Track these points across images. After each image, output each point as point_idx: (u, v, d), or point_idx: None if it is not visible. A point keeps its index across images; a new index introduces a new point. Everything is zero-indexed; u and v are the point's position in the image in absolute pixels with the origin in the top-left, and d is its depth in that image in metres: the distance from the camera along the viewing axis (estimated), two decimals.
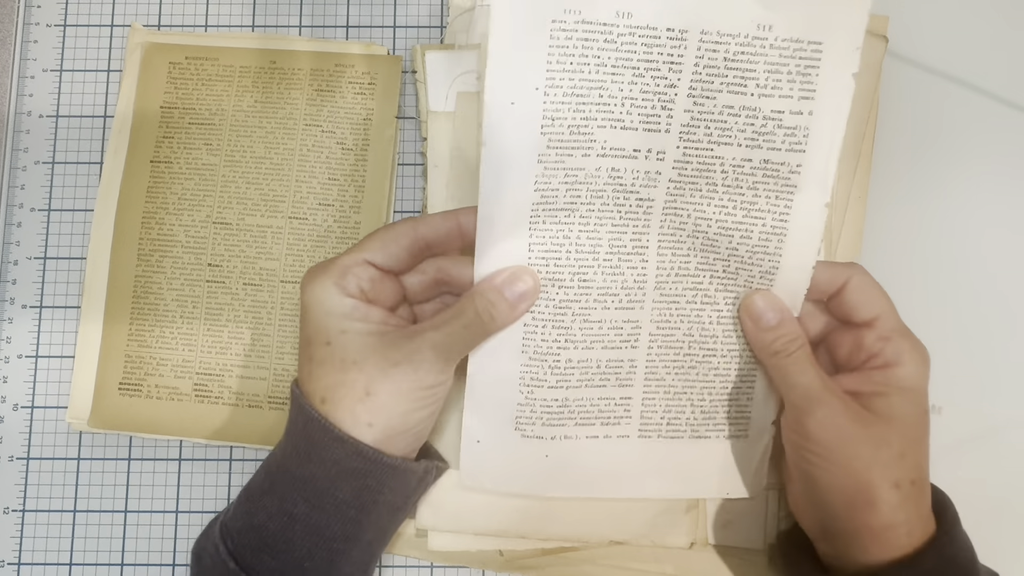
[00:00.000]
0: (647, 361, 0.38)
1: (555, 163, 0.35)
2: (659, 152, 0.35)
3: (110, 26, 0.46)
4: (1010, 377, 0.43)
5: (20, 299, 0.44)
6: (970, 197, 0.44)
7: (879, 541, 0.33)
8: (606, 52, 0.34)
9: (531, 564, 0.41)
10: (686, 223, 0.36)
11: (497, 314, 0.36)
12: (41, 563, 0.42)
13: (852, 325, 0.36)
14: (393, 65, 0.45)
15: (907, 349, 0.35)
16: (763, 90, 0.34)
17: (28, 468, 0.43)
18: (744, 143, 0.35)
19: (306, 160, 0.44)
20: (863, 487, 0.33)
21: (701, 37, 0.34)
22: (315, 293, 0.35)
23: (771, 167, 0.35)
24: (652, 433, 0.39)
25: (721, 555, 0.41)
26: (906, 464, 0.34)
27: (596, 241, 0.36)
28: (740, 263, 0.37)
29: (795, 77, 0.34)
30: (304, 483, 0.34)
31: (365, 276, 0.35)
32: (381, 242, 0.36)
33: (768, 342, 0.36)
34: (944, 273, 0.44)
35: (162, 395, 0.42)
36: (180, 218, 0.44)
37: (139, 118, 0.44)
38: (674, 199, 0.36)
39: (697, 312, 0.38)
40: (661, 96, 0.35)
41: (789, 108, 0.34)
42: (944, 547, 0.33)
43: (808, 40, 0.34)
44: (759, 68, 0.34)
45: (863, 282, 0.36)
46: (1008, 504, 0.42)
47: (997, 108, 0.45)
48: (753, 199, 0.36)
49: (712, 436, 0.39)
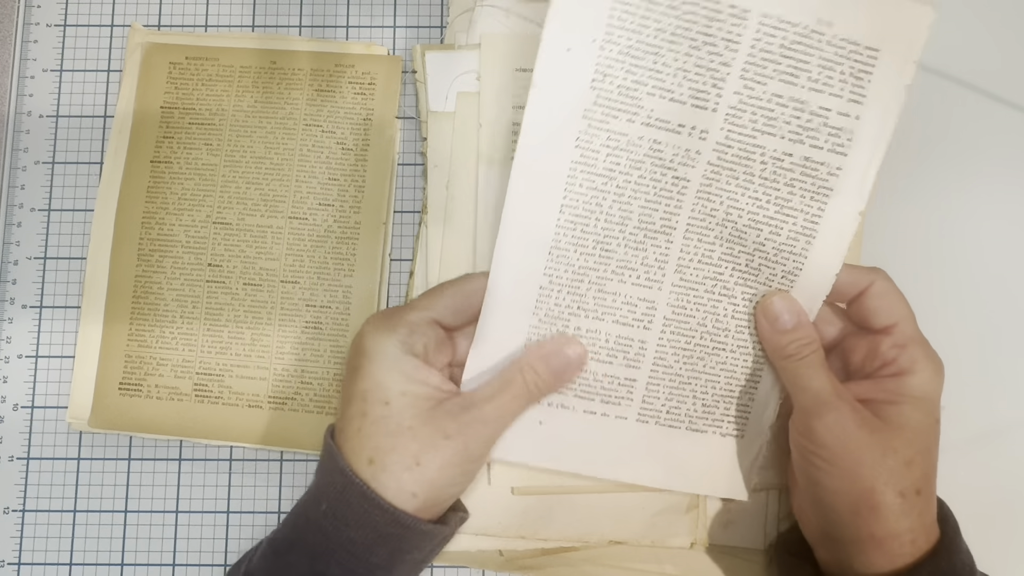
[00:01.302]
0: (658, 345, 0.38)
1: (599, 122, 0.35)
2: (703, 131, 0.35)
3: (110, 26, 0.46)
4: (1013, 378, 0.43)
5: (20, 299, 0.44)
6: (971, 197, 0.44)
7: (881, 549, 0.33)
8: (667, 18, 0.34)
9: (531, 564, 0.41)
10: (717, 210, 0.36)
11: (543, 385, 0.36)
12: (41, 563, 0.42)
13: (868, 331, 0.36)
14: (393, 65, 0.44)
15: (921, 358, 0.35)
16: (814, 84, 0.34)
17: (28, 468, 0.43)
18: (788, 136, 0.35)
19: (306, 160, 0.44)
20: (867, 493, 0.33)
21: (761, 20, 0.34)
22: (380, 346, 0.34)
23: (811, 165, 0.35)
24: (650, 419, 0.39)
25: (721, 555, 0.41)
26: (912, 473, 0.33)
27: (627, 214, 0.36)
28: (764, 259, 0.36)
29: (847, 78, 0.34)
30: (340, 546, 0.33)
31: (432, 336, 0.35)
32: (452, 299, 0.35)
33: (782, 345, 0.36)
34: (944, 273, 0.44)
35: (162, 395, 0.42)
36: (180, 218, 0.44)
37: (139, 118, 0.44)
38: (710, 183, 0.36)
39: (714, 303, 0.37)
40: (713, 73, 0.34)
41: (837, 108, 0.34)
42: (943, 560, 0.33)
43: (866, 45, 0.34)
44: (813, 62, 0.34)
45: (884, 288, 0.36)
46: (1011, 505, 0.42)
47: (997, 108, 0.45)
48: (788, 196, 0.36)
49: (708, 431, 0.39)
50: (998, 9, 0.45)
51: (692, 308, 0.38)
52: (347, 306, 0.43)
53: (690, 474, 0.40)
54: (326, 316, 0.43)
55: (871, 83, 0.34)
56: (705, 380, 0.38)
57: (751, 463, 0.40)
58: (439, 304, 0.35)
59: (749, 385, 0.39)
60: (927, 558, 0.33)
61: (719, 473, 0.40)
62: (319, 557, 0.33)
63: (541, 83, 0.34)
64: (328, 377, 0.42)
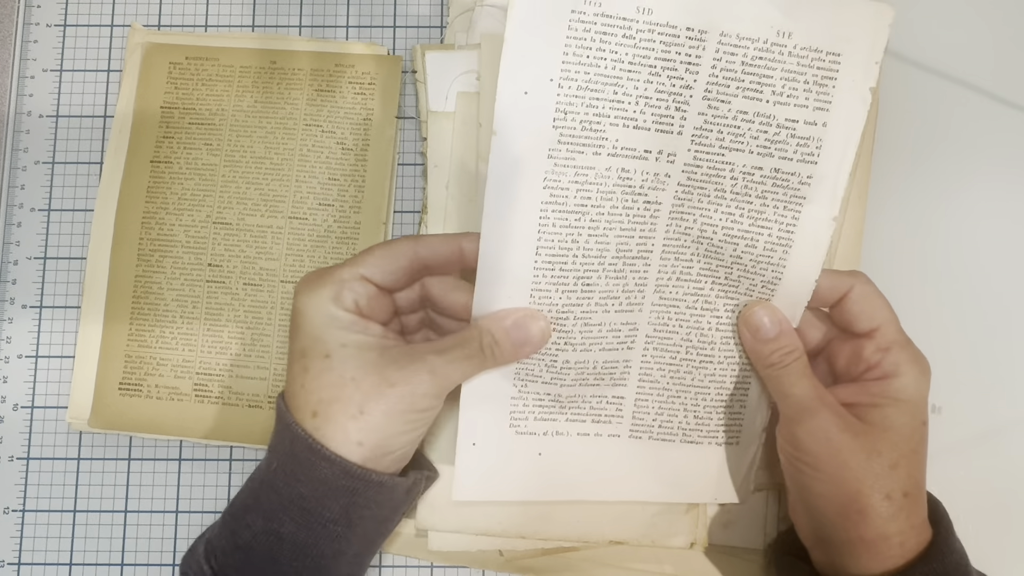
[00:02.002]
0: (642, 362, 0.38)
1: (565, 160, 0.34)
2: (670, 154, 0.35)
3: (110, 26, 0.46)
4: (1011, 377, 0.43)
5: (20, 299, 0.44)
6: (970, 197, 0.44)
7: (871, 551, 0.33)
8: (624, 48, 0.33)
9: (531, 564, 0.41)
10: (691, 228, 0.36)
11: (500, 353, 0.35)
12: (41, 563, 0.42)
13: (852, 335, 0.36)
14: (393, 65, 0.45)
15: (905, 360, 0.35)
16: (779, 98, 0.34)
17: (28, 468, 0.43)
18: (756, 150, 0.35)
19: (306, 160, 0.44)
20: (853, 497, 0.33)
21: (720, 39, 0.33)
22: (312, 303, 0.34)
23: (781, 176, 0.35)
24: (643, 434, 0.39)
25: (721, 555, 0.41)
26: (898, 475, 0.33)
27: (604, 246, 0.36)
28: (743, 271, 0.36)
29: (811, 87, 0.34)
30: (291, 502, 0.33)
31: (363, 292, 0.35)
32: (380, 259, 0.35)
33: (765, 354, 0.36)
34: (944, 273, 0.44)
35: (162, 395, 0.42)
36: (180, 218, 0.44)
37: (139, 118, 0.44)
38: (681, 203, 0.36)
39: (696, 317, 0.38)
40: (676, 97, 0.34)
41: (804, 118, 0.34)
42: (935, 560, 0.33)
43: (827, 51, 0.34)
44: (776, 75, 0.34)
45: (865, 291, 0.36)
46: (1009, 505, 0.42)
47: (997, 108, 0.45)
48: (761, 208, 0.35)
49: (704, 442, 0.39)
50: (999, 8, 0.45)
51: (675, 324, 0.38)
52: None
53: (689, 485, 0.40)
54: None
55: (835, 89, 0.34)
56: (695, 393, 0.39)
57: (748, 468, 0.40)
58: (368, 261, 0.35)
59: (739, 393, 0.39)
60: (918, 560, 0.33)
61: (717, 481, 0.40)
62: (273, 516, 0.34)
63: (502, 129, 0.33)
64: None
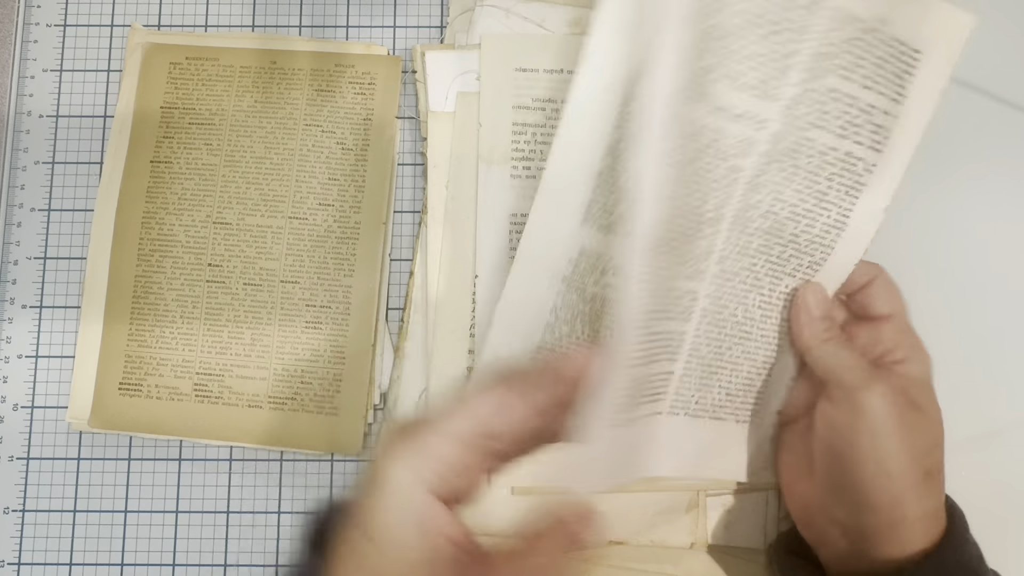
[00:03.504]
0: (695, 335, 0.37)
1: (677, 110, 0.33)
2: (762, 120, 0.35)
3: (110, 26, 0.46)
4: (1012, 378, 0.43)
5: (20, 299, 0.44)
6: (970, 197, 0.44)
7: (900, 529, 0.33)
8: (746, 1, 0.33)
9: None
10: (762, 201, 0.36)
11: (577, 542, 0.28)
12: (41, 563, 0.42)
13: (868, 319, 0.37)
14: (393, 65, 0.44)
15: (919, 346, 0.36)
16: (867, 81, 0.34)
17: (28, 468, 0.43)
18: (836, 131, 0.35)
19: (306, 160, 0.44)
20: (906, 470, 0.33)
21: (834, 12, 0.34)
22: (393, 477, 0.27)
23: (850, 161, 0.35)
24: (680, 411, 0.38)
25: (721, 555, 0.41)
26: (935, 456, 0.34)
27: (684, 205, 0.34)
28: (796, 250, 0.37)
29: (892, 77, 0.34)
30: None
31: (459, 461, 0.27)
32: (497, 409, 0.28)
33: (822, 329, 0.36)
34: (944, 272, 0.44)
35: (162, 395, 0.42)
36: (180, 218, 0.44)
37: (139, 118, 0.44)
38: (760, 174, 0.35)
39: (745, 292, 0.37)
40: (782, 62, 0.34)
41: (883, 107, 0.35)
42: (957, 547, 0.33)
43: (911, 46, 0.34)
44: (869, 59, 0.34)
45: (887, 279, 0.37)
46: (1009, 505, 0.42)
47: (997, 108, 0.45)
48: (827, 189, 0.36)
49: (728, 419, 0.39)
50: (999, 8, 0.45)
51: (727, 299, 0.37)
52: (347, 306, 0.43)
53: (706, 460, 0.39)
54: (326, 316, 0.43)
55: (912, 84, 0.35)
56: (731, 370, 0.38)
57: (758, 447, 0.40)
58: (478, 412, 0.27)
59: (764, 372, 0.39)
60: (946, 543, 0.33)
61: (731, 458, 0.40)
62: None
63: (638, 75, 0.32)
64: (328, 377, 0.42)
